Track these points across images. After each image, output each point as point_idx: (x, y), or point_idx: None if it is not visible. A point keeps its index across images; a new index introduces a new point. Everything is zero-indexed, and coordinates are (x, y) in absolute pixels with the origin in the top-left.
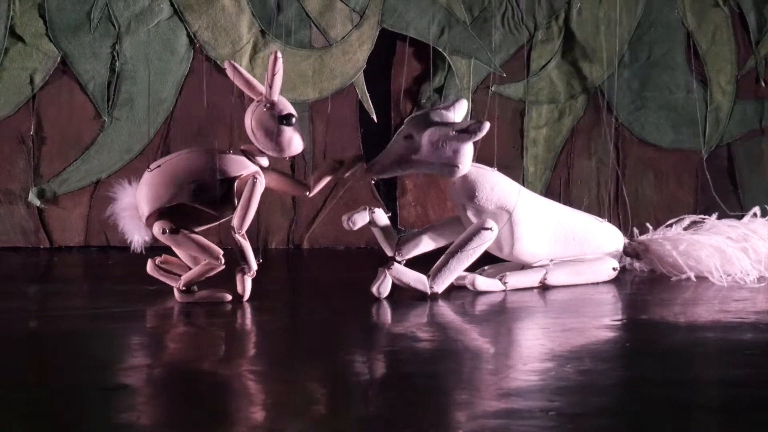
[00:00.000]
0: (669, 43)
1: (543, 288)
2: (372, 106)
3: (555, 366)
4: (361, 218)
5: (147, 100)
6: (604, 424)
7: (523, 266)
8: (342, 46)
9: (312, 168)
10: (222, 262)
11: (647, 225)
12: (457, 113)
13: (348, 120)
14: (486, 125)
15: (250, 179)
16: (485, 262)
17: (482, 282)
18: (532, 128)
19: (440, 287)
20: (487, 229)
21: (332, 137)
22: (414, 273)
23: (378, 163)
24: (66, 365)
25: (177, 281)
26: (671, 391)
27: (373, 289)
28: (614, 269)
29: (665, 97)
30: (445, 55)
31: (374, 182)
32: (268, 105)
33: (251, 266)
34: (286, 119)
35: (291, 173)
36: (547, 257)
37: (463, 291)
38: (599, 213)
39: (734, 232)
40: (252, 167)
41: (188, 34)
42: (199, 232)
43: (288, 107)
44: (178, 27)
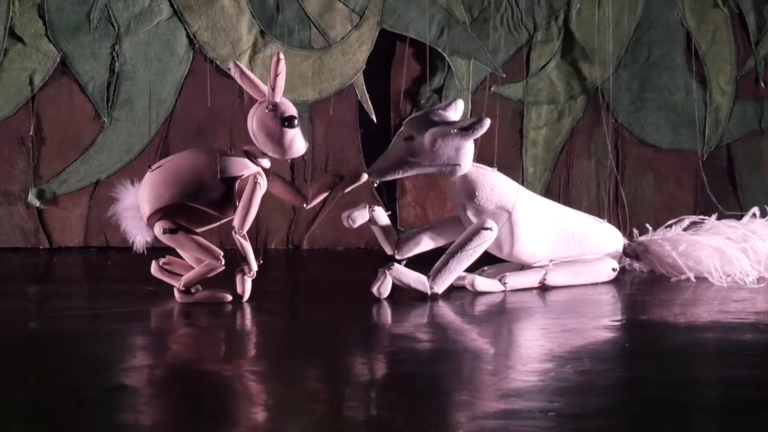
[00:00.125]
0: (668, 44)
1: (542, 288)
2: (371, 107)
3: (554, 366)
4: (361, 216)
5: (146, 101)
6: (604, 425)
7: (523, 267)
8: (341, 47)
9: (311, 169)
10: (222, 263)
11: (647, 226)
12: (454, 113)
13: (348, 120)
14: (487, 122)
15: (251, 180)
16: (485, 263)
17: (482, 282)
18: (532, 129)
19: (440, 288)
20: (487, 229)
21: (332, 138)
22: (414, 273)
23: (379, 167)
24: (66, 366)
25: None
26: (671, 392)
27: (374, 290)
28: (614, 270)
29: (665, 98)
30: (445, 56)
31: (376, 185)
32: (271, 106)
33: (251, 267)
34: (288, 121)
35: (291, 174)
36: (547, 258)
37: (463, 291)
38: (599, 213)
39: (734, 233)
40: (253, 168)
41: (188, 35)
42: (200, 233)
43: (290, 109)
44: (178, 28)
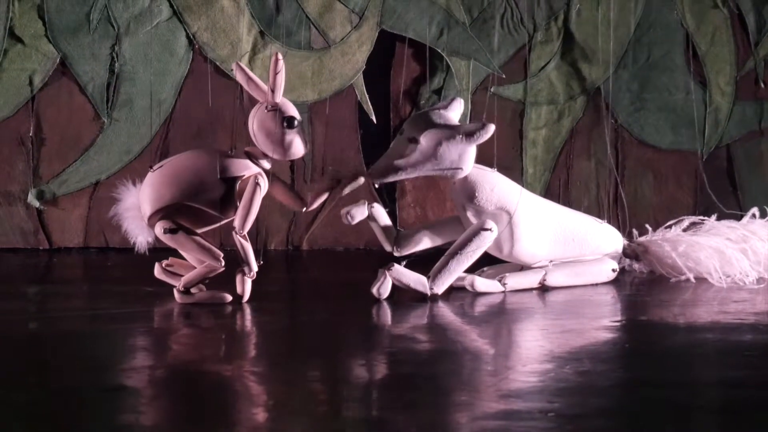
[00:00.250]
0: (668, 45)
1: (542, 289)
2: (371, 107)
3: (554, 367)
4: (360, 212)
5: (146, 102)
6: (604, 425)
7: (523, 267)
8: (341, 48)
9: (311, 170)
10: (222, 264)
11: (646, 226)
12: (454, 112)
13: (347, 121)
14: (491, 127)
15: (252, 180)
16: (484, 263)
17: (481, 283)
18: (532, 129)
19: (440, 288)
20: (487, 230)
21: (331, 138)
22: (414, 274)
23: (381, 168)
24: (66, 366)
25: None
26: (670, 392)
27: (374, 291)
28: (613, 270)
29: (664, 99)
30: (445, 57)
31: (377, 186)
32: (271, 107)
33: (252, 267)
34: (289, 122)
35: (291, 174)
36: (547, 258)
37: (463, 292)
38: (598, 214)
39: (733, 234)
40: (254, 169)
41: (187, 36)
42: (201, 234)
43: (291, 110)
44: (178, 28)
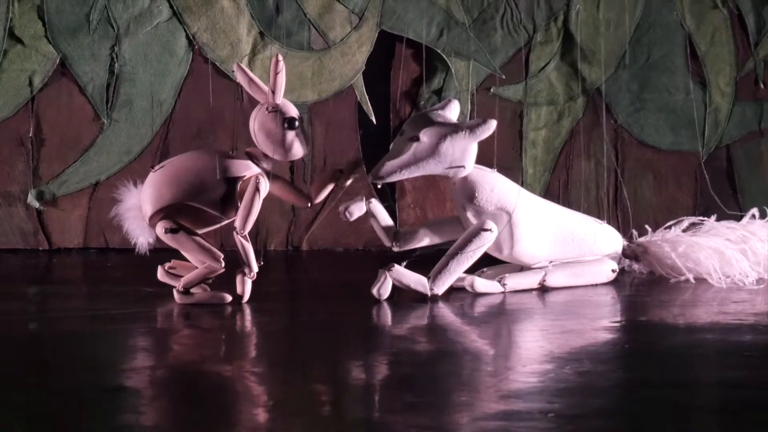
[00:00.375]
0: (668, 45)
1: (542, 290)
2: (371, 108)
3: (554, 368)
4: (358, 209)
5: (146, 102)
6: (604, 426)
7: (522, 268)
8: (341, 48)
9: (311, 170)
10: (222, 265)
11: (646, 227)
12: (451, 113)
13: (347, 122)
14: (493, 123)
15: (253, 181)
16: (484, 264)
17: (481, 284)
18: (531, 130)
19: (440, 289)
20: (487, 230)
21: (331, 139)
22: (414, 275)
23: (384, 168)
24: (66, 367)
25: None
26: (670, 393)
27: (374, 291)
28: (613, 271)
29: (664, 99)
30: (444, 57)
31: (379, 187)
32: (272, 108)
33: (252, 268)
34: (290, 123)
35: (291, 175)
36: (547, 259)
37: (463, 293)
38: (598, 215)
39: (733, 234)
40: (255, 169)
41: (187, 36)
42: (202, 234)
43: (292, 111)
44: (177, 29)
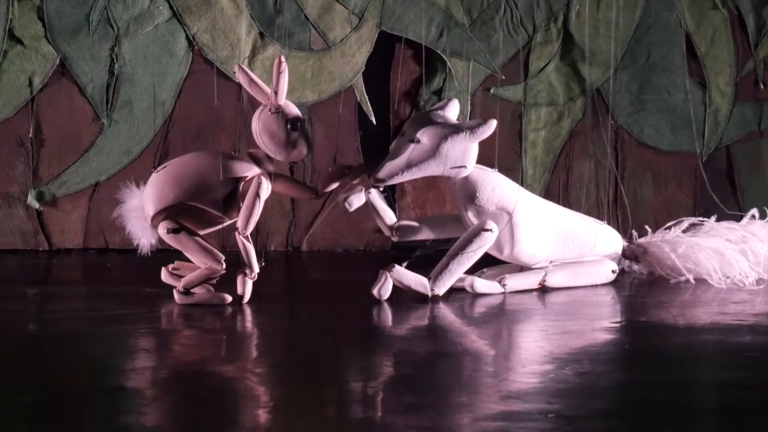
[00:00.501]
0: (668, 46)
1: (542, 290)
2: (371, 109)
3: (554, 368)
4: (358, 199)
5: (146, 103)
6: (603, 427)
7: (522, 268)
8: (341, 49)
9: (311, 170)
10: (223, 267)
11: (646, 227)
12: (451, 113)
13: (347, 122)
14: (493, 123)
15: (255, 181)
16: (484, 264)
17: (481, 284)
18: (531, 130)
19: (441, 289)
20: (488, 231)
21: (331, 139)
22: (415, 275)
23: (386, 170)
24: (66, 367)
25: None
26: (670, 394)
27: (374, 292)
28: (613, 271)
29: (664, 100)
30: (444, 58)
31: (381, 189)
32: (274, 109)
33: (253, 269)
34: (293, 124)
35: (290, 175)
36: (547, 259)
37: (463, 293)
38: (598, 215)
39: (733, 235)
40: (257, 170)
41: (187, 37)
42: (204, 235)
43: (294, 112)
44: (177, 29)
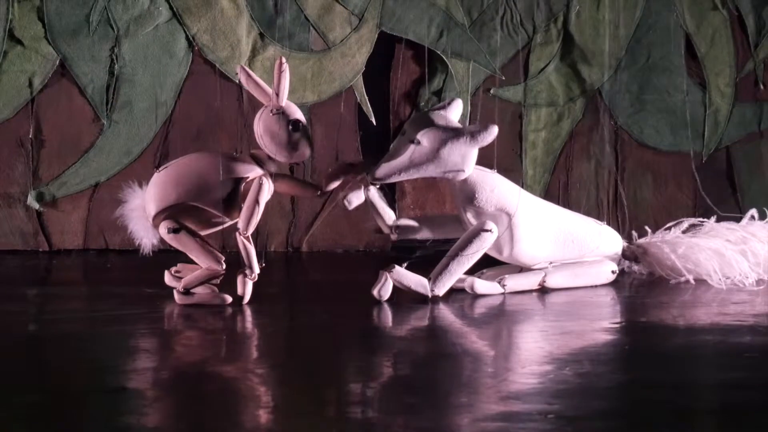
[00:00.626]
0: (668, 46)
1: (542, 291)
2: (371, 109)
3: (554, 369)
4: (357, 197)
5: (146, 103)
6: (603, 427)
7: (522, 269)
8: (341, 49)
9: (311, 171)
10: (223, 268)
11: (646, 228)
12: (454, 113)
13: (347, 123)
14: (494, 129)
15: (257, 181)
16: (484, 265)
17: (481, 285)
18: (531, 131)
19: (441, 290)
20: (487, 231)
21: (331, 140)
22: (415, 276)
23: (384, 169)
24: (66, 368)
25: None
26: (670, 394)
27: (374, 292)
28: (613, 272)
29: (664, 100)
30: (444, 58)
31: (378, 187)
32: (276, 110)
33: (253, 269)
34: (295, 125)
35: (290, 175)
36: (547, 260)
37: (463, 294)
38: (598, 216)
39: (733, 235)
40: (259, 171)
41: (187, 37)
42: (205, 236)
43: (296, 113)
44: (177, 30)
